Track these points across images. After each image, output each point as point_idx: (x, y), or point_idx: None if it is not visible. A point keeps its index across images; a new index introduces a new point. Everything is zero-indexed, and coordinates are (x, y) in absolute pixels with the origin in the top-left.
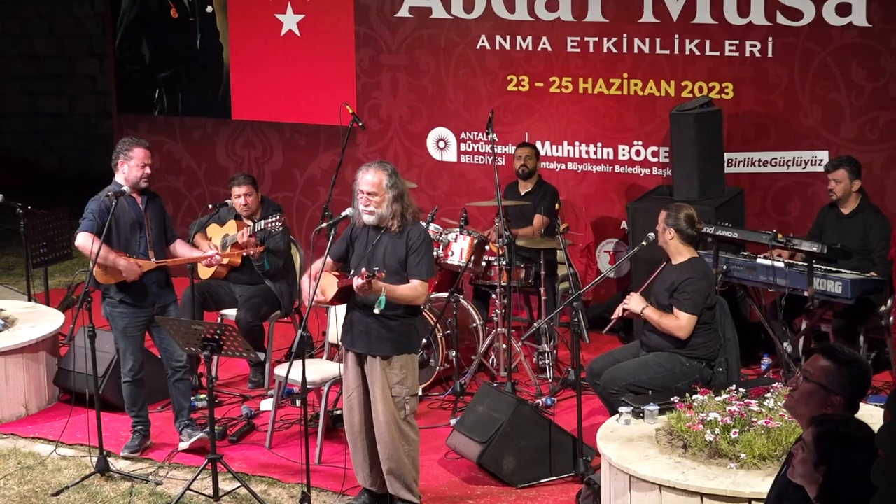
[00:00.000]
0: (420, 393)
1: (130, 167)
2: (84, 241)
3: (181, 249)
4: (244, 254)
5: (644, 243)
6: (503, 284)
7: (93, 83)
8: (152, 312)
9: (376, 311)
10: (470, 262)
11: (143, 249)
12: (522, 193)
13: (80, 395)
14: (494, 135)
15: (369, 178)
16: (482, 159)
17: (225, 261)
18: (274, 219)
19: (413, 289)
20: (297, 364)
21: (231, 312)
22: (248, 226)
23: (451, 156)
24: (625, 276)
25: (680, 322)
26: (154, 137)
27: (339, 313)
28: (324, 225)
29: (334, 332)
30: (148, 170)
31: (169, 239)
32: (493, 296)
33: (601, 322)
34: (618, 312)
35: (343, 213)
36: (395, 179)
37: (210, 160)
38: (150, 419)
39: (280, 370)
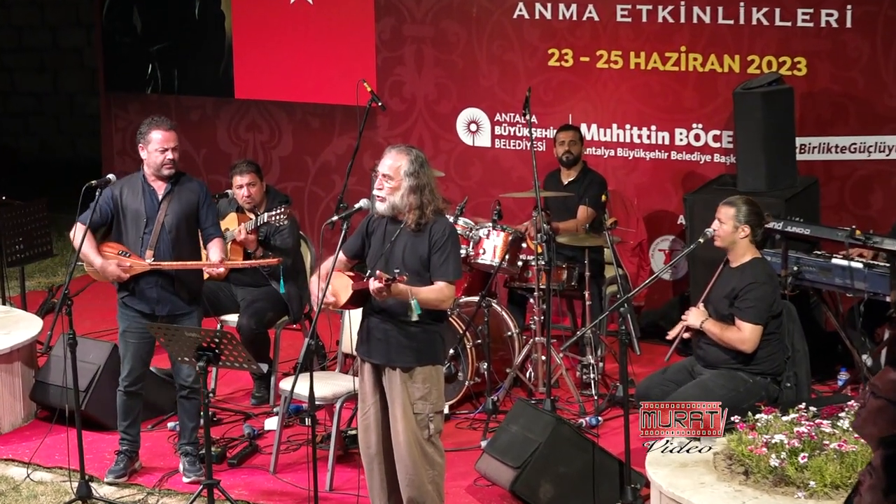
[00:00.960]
0: (446, 410)
1: (150, 153)
2: (74, 232)
3: (212, 253)
4: (250, 249)
5: (701, 240)
6: (542, 287)
7: (79, 57)
8: (156, 319)
9: (414, 317)
10: (504, 261)
11: (143, 247)
12: (565, 183)
13: (60, 411)
14: (533, 116)
15: (388, 161)
16: (519, 144)
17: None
18: (279, 211)
19: (437, 291)
20: (305, 377)
21: (232, 318)
22: (251, 219)
23: (483, 140)
24: (682, 279)
25: (743, 334)
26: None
27: (353, 319)
28: (335, 218)
29: (348, 341)
30: (171, 154)
31: (205, 237)
32: (531, 300)
33: (654, 331)
34: (678, 331)
35: (357, 205)
36: (418, 169)
37: (210, 145)
38: (141, 438)
39: (287, 384)
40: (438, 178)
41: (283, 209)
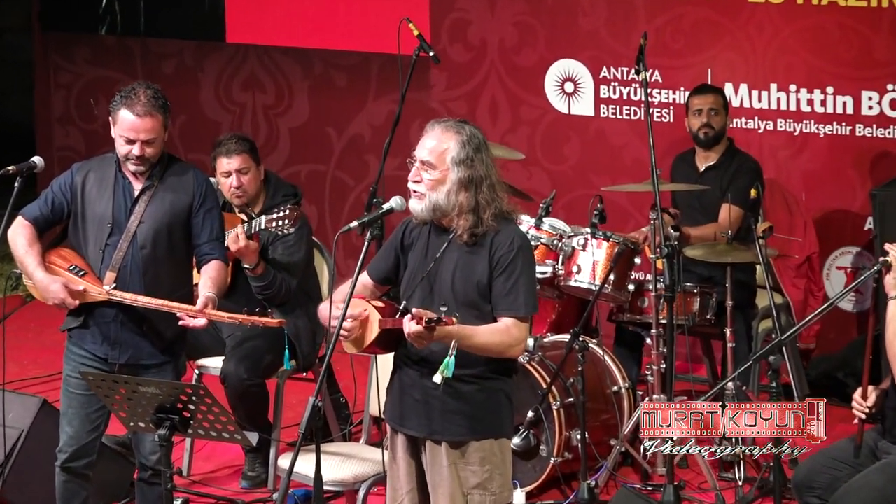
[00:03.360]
0: (519, 502)
1: (116, 136)
2: (13, 231)
3: (202, 285)
4: (248, 264)
5: (887, 259)
6: (663, 322)
7: None
8: (113, 367)
9: (437, 379)
10: (608, 284)
11: (103, 264)
12: (701, 170)
13: None
14: (655, 73)
15: (428, 143)
16: (635, 113)
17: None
18: (283, 211)
19: (503, 332)
20: (313, 450)
21: (214, 363)
22: (242, 223)
23: (583, 106)
24: (868, 310)
25: None
26: (100, 71)
27: (383, 367)
28: (355, 223)
29: (376, 399)
30: (137, 149)
31: (199, 258)
32: (648, 340)
33: (829, 386)
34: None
35: (387, 205)
36: (472, 154)
37: (189, 110)
38: None
39: (287, 460)
40: (516, 162)
41: (288, 209)
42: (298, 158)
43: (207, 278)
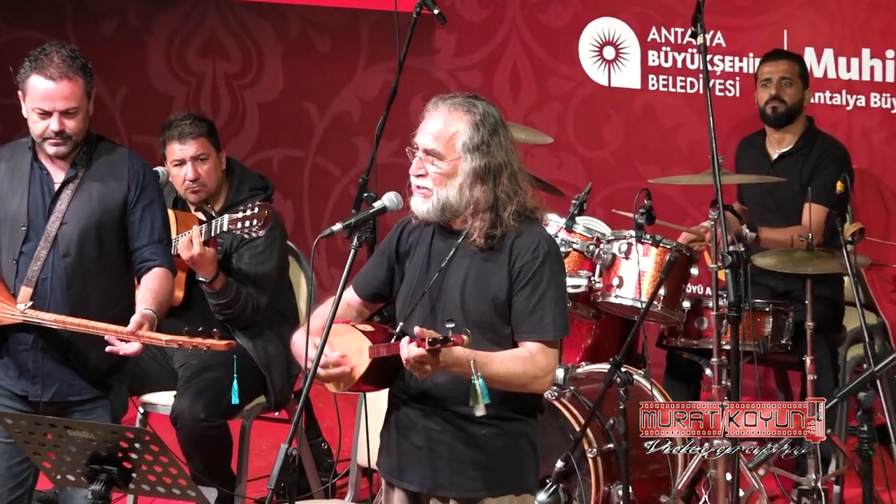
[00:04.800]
0: None
1: (28, 111)
2: None
3: (139, 301)
4: (204, 276)
5: None
6: (727, 347)
7: None
8: (35, 406)
9: (479, 412)
10: (658, 300)
11: (17, 278)
12: (774, 157)
13: None
14: (717, 35)
15: (433, 126)
16: (691, 85)
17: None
18: (249, 210)
19: (526, 360)
20: None
21: (163, 399)
22: (199, 224)
23: (627, 77)
24: None
25: None
26: (22, 32)
27: (374, 409)
28: (338, 226)
29: (364, 447)
30: (56, 123)
31: (138, 265)
32: (708, 371)
33: None
34: None
35: (379, 203)
36: (487, 137)
37: (134, 81)
38: None
39: None
40: (543, 148)
41: (256, 206)
42: (270, 142)
43: (146, 291)
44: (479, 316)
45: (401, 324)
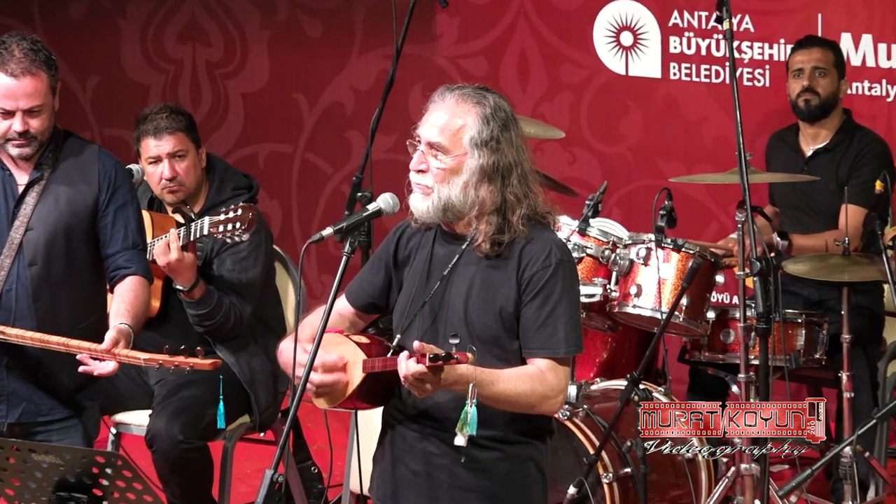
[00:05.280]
0: None
1: None
2: None
3: (114, 309)
4: (182, 285)
5: None
6: (756, 362)
7: None
8: (0, 427)
9: (459, 441)
10: (680, 310)
11: None
12: (808, 153)
13: None
14: (745, 19)
15: (439, 117)
16: (718, 75)
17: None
18: (232, 212)
19: (535, 378)
20: None
21: (137, 419)
22: (177, 227)
23: (646, 65)
24: None
25: None
26: None
27: (368, 427)
28: (328, 231)
29: (357, 472)
30: (19, 122)
31: (111, 273)
32: (735, 388)
33: None
34: None
35: (374, 205)
36: (498, 133)
37: (105, 69)
38: None
39: None
40: (554, 143)
41: (240, 208)
42: (255, 137)
43: (121, 302)
44: (484, 329)
45: (398, 336)
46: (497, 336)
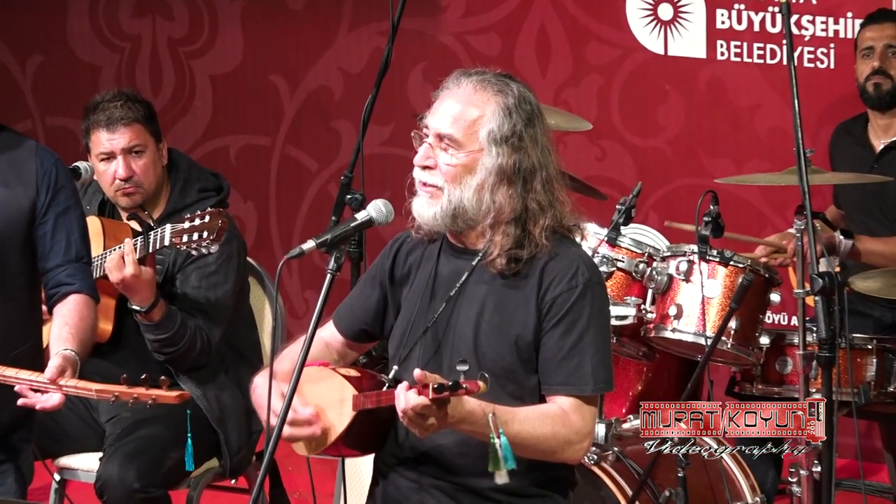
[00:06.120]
0: None
1: None
2: None
3: (56, 333)
4: (138, 304)
5: None
6: (818, 395)
7: None
8: None
9: (500, 479)
10: (728, 334)
11: None
12: (879, 148)
13: None
14: None
15: (451, 106)
16: (772, 54)
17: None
18: (199, 219)
19: (556, 420)
20: None
21: (87, 462)
22: (135, 236)
23: (689, 44)
24: None
25: None
26: None
27: (360, 474)
28: (309, 244)
29: None
30: None
31: (48, 291)
32: None
33: None
34: None
35: (363, 214)
36: (521, 128)
37: (49, 46)
38: None
39: None
40: (579, 136)
41: (208, 214)
42: (226, 127)
43: (63, 325)
44: (497, 361)
45: (395, 368)
46: (512, 369)
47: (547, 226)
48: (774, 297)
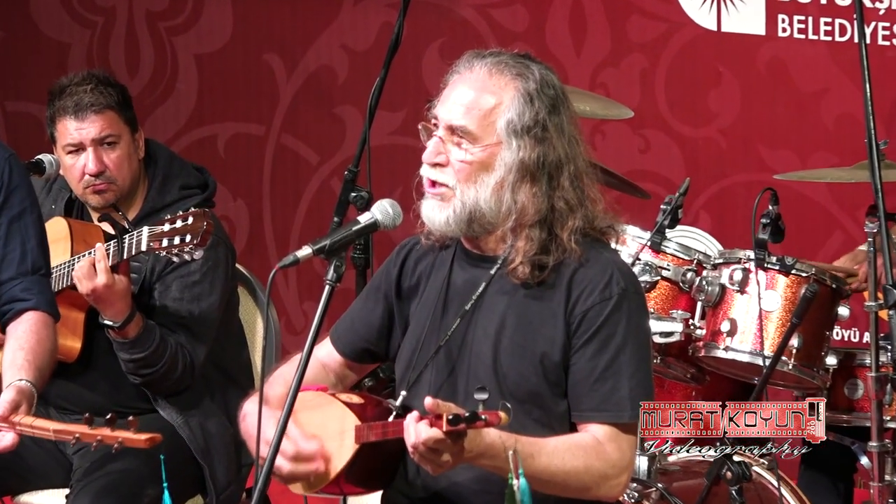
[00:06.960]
0: None
1: None
2: None
3: (8, 360)
4: (111, 319)
5: None
6: (891, 425)
7: None
8: None
9: None
10: (789, 354)
11: None
12: None
13: None
14: None
15: (464, 94)
16: (841, 30)
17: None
18: (180, 221)
19: (589, 451)
20: None
21: (52, 499)
22: (108, 241)
23: (745, 18)
24: None
25: None
26: None
27: None
28: (305, 251)
29: None
30: None
31: (3, 310)
32: (864, 460)
33: None
34: None
35: (366, 217)
36: (545, 117)
37: (10, 20)
38: None
39: None
40: (620, 124)
41: (190, 215)
42: (214, 114)
43: (18, 350)
44: (520, 384)
45: (403, 394)
46: (537, 393)
47: (576, 228)
48: (843, 311)
